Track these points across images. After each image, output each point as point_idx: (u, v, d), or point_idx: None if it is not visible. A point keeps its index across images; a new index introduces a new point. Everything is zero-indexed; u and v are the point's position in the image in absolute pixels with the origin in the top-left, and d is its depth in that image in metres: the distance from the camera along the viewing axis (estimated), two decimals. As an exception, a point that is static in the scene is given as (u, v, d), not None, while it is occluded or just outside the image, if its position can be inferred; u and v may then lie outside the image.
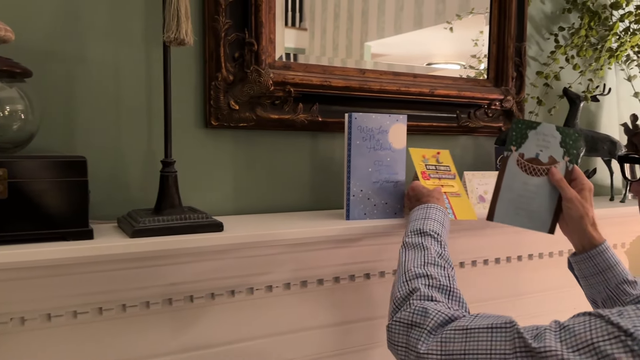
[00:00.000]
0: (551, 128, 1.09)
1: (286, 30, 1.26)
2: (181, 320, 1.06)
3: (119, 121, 1.10)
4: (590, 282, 1.03)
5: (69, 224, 0.87)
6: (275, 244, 1.02)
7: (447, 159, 1.08)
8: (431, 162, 1.00)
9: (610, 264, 1.01)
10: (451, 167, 1.06)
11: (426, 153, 1.07)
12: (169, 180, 0.99)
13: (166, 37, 0.94)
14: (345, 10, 1.33)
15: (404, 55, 1.43)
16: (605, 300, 1.02)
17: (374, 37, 1.38)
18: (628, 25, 1.65)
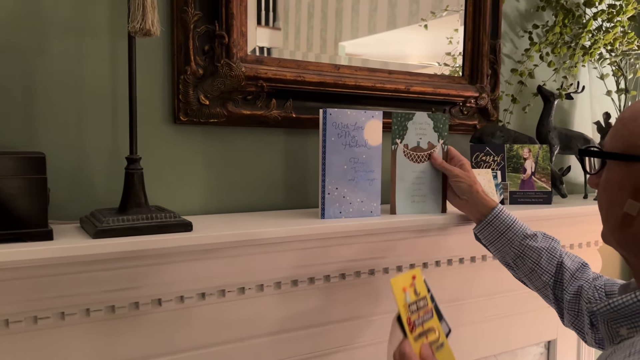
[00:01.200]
0: (424, 116, 1.20)
1: (260, 29, 1.22)
2: (149, 324, 1.01)
3: (83, 116, 1.05)
4: (497, 246, 1.12)
5: (26, 224, 0.82)
6: (247, 244, 0.98)
7: (421, 284, 0.94)
8: (412, 298, 0.89)
9: (508, 224, 1.10)
10: (427, 297, 0.93)
11: (405, 283, 0.91)
12: (135, 178, 0.94)
13: (131, 27, 0.90)
14: (319, 9, 1.30)
15: (378, 55, 1.41)
16: (515, 258, 1.10)
17: (348, 37, 1.36)
18: (601, 23, 1.66)
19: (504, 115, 1.62)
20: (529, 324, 1.56)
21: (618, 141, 0.71)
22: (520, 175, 1.44)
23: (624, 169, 0.70)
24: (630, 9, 1.59)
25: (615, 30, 1.60)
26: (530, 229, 1.11)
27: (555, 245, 1.08)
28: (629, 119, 0.71)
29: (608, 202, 0.74)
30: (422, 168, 1.22)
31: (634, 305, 0.68)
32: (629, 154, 0.69)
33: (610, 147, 0.73)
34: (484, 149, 1.44)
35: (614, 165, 0.72)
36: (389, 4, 1.41)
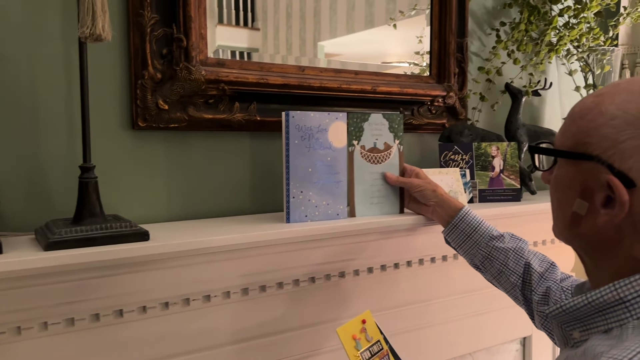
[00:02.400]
0: (379, 116, 1.20)
1: (238, 30, 1.22)
2: (111, 336, 0.99)
3: (36, 124, 1.01)
4: (464, 248, 1.11)
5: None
6: (205, 252, 0.96)
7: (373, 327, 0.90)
8: (363, 344, 0.85)
9: (474, 226, 1.09)
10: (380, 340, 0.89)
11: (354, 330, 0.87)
12: (89, 187, 0.92)
13: (81, 32, 0.87)
14: (298, 9, 1.30)
15: (357, 54, 1.41)
16: (483, 260, 1.09)
17: (327, 37, 1.35)
18: (567, 19, 1.67)
19: (473, 113, 1.62)
20: (504, 321, 1.56)
21: (567, 138, 0.69)
22: (489, 173, 1.44)
23: (572, 167, 0.68)
24: (594, 5, 1.60)
25: (580, 26, 1.61)
26: (497, 230, 1.10)
27: (523, 246, 1.07)
28: (577, 115, 0.68)
29: (557, 200, 0.73)
30: (380, 169, 1.21)
31: (584, 307, 0.66)
32: (577, 152, 0.66)
33: (559, 144, 0.71)
34: (452, 148, 1.44)
35: (563, 162, 0.70)
36: (366, 2, 1.40)
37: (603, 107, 0.65)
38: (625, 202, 0.61)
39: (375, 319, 0.96)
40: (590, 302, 0.65)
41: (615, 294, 0.63)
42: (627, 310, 0.62)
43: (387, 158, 1.22)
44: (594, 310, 0.65)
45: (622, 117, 0.62)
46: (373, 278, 1.27)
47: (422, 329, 1.40)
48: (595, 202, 0.65)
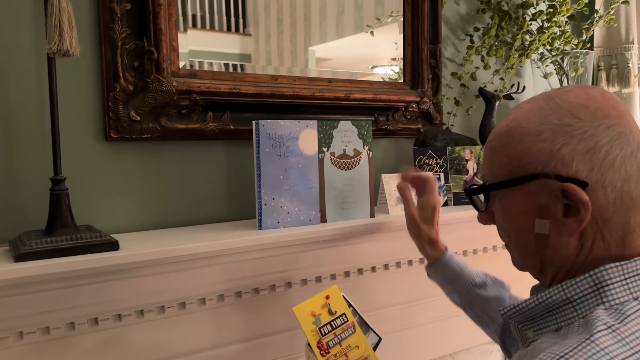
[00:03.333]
0: (348, 124, 1.23)
1: (230, 35, 1.25)
2: (85, 344, 1.00)
3: (8, 137, 1.04)
4: (447, 290, 1.09)
5: (-57, 252, 0.81)
6: (176, 260, 0.98)
7: (338, 302, 0.89)
8: (324, 319, 0.85)
9: (456, 273, 1.05)
10: (346, 313, 0.89)
11: (315, 307, 0.88)
12: (60, 199, 0.94)
13: (48, 48, 0.90)
14: (288, 15, 1.32)
15: (348, 58, 1.43)
16: (465, 305, 1.07)
17: (317, 42, 1.38)
18: (541, 24, 1.70)
19: (448, 118, 1.64)
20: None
21: (499, 170, 0.69)
22: (463, 177, 1.47)
23: (518, 193, 0.67)
24: (564, 10, 1.63)
25: (551, 30, 1.64)
26: (479, 276, 1.06)
27: (504, 294, 1.04)
28: (500, 146, 0.69)
29: (515, 231, 0.71)
30: (350, 175, 1.24)
31: (536, 307, 0.67)
32: (519, 177, 0.66)
33: (493, 179, 0.70)
34: (426, 152, 1.47)
35: (507, 193, 0.69)
36: (355, 7, 1.43)
37: (523, 129, 0.67)
38: (587, 202, 0.62)
39: None
40: (541, 302, 0.66)
41: (563, 294, 0.64)
42: (574, 310, 0.64)
43: (357, 164, 1.24)
44: (544, 310, 0.66)
45: (548, 130, 0.64)
46: (350, 282, 1.29)
47: (402, 331, 1.41)
48: (555, 216, 0.65)
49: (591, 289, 0.63)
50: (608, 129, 0.63)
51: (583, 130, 0.63)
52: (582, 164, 0.62)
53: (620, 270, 0.62)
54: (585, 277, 0.63)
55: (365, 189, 1.26)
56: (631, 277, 0.63)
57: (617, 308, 0.61)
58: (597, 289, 0.62)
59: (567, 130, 0.63)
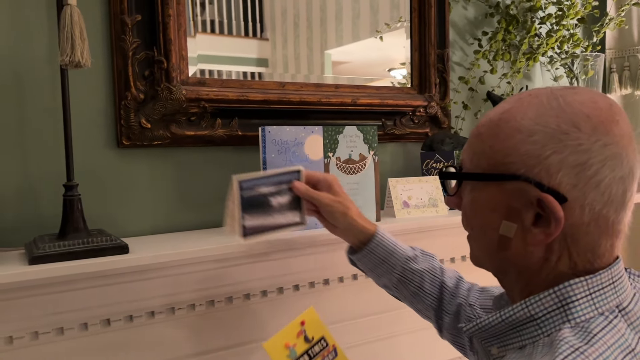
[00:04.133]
0: (353, 129, 1.25)
1: (248, 40, 1.28)
2: (98, 344, 1.04)
3: (25, 145, 1.08)
4: (377, 272, 0.99)
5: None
6: (181, 263, 1.01)
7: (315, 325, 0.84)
8: (300, 348, 0.80)
9: (390, 250, 0.97)
10: (325, 336, 0.84)
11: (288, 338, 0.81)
12: (73, 204, 0.98)
13: (61, 60, 0.94)
14: (305, 19, 1.35)
15: (364, 61, 1.45)
16: (397, 284, 0.99)
17: (333, 45, 1.40)
18: (550, 27, 1.70)
19: (456, 121, 1.65)
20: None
21: (480, 159, 0.65)
22: (470, 181, 1.47)
23: (493, 188, 0.64)
24: (572, 13, 1.63)
25: (558, 33, 1.64)
26: (410, 249, 1.00)
27: (435, 264, 1.00)
28: (486, 134, 0.65)
29: (480, 225, 0.68)
30: (355, 180, 1.26)
31: (499, 325, 0.64)
32: (499, 173, 0.62)
33: (472, 167, 0.67)
34: (434, 157, 1.48)
35: (481, 185, 0.65)
36: (371, 10, 1.45)
37: (516, 123, 0.62)
38: (560, 219, 0.58)
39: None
40: (504, 319, 0.63)
41: (527, 311, 0.62)
42: (539, 327, 0.61)
43: (363, 169, 1.26)
44: (507, 327, 0.64)
45: (541, 132, 0.60)
46: (354, 285, 1.31)
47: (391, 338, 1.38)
48: (524, 222, 0.61)
49: (555, 305, 0.60)
50: (605, 147, 0.58)
51: (579, 142, 0.58)
52: (567, 178, 0.58)
53: (585, 285, 0.60)
54: (550, 293, 0.61)
55: (371, 193, 1.28)
56: (596, 291, 0.60)
57: (583, 326, 0.59)
58: (562, 306, 0.60)
59: (562, 138, 0.58)
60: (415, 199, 1.36)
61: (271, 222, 0.97)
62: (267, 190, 0.96)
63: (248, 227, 0.93)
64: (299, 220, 1.00)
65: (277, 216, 0.98)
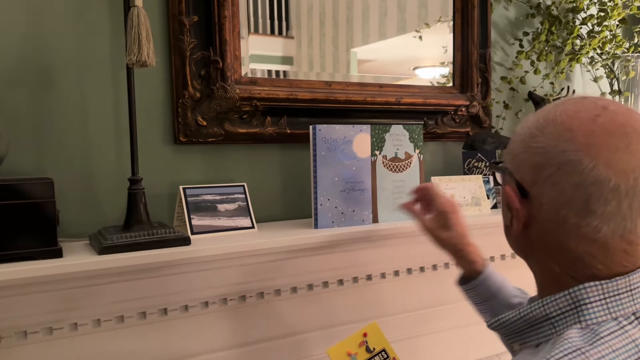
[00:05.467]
0: (400, 128, 1.27)
1: (273, 39, 1.30)
2: (156, 333, 1.09)
3: (88, 142, 1.13)
4: (479, 308, 1.01)
5: (38, 244, 0.90)
6: (241, 255, 1.05)
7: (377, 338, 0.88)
8: (361, 356, 0.84)
9: (493, 292, 0.97)
10: (387, 348, 0.87)
11: (350, 346, 0.86)
12: (137, 198, 1.02)
13: (128, 60, 0.98)
14: (330, 17, 1.36)
15: (390, 60, 1.47)
16: None
17: (359, 44, 1.42)
18: (591, 28, 1.70)
19: (497, 121, 1.67)
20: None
21: (505, 156, 0.73)
22: (512, 180, 1.48)
23: (505, 180, 0.71)
24: (615, 14, 1.63)
25: (602, 34, 1.64)
26: (516, 296, 0.98)
27: None
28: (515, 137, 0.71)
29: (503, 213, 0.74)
30: (401, 177, 1.29)
31: (518, 321, 0.67)
32: (503, 167, 0.71)
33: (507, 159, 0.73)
34: (475, 156, 1.50)
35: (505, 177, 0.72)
36: (398, 9, 1.46)
37: (517, 128, 0.70)
38: (516, 209, 0.65)
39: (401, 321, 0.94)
40: (522, 316, 0.66)
41: (542, 310, 0.64)
42: (552, 327, 0.64)
43: (408, 167, 1.29)
44: (526, 324, 0.67)
45: (521, 135, 0.67)
46: (395, 282, 1.33)
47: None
48: (513, 212, 0.67)
49: (569, 306, 0.62)
50: (562, 153, 0.61)
51: (540, 145, 0.63)
52: (528, 175, 0.64)
53: (599, 290, 0.62)
54: (565, 294, 0.63)
55: None
56: (611, 296, 0.62)
57: (593, 328, 0.60)
58: (575, 307, 0.62)
59: (529, 140, 0.65)
60: (459, 198, 1.38)
61: (219, 224, 1.13)
62: (211, 198, 1.15)
63: (195, 226, 1.10)
64: (250, 225, 1.17)
65: (226, 220, 1.15)
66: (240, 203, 1.18)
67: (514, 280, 1.06)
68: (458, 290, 1.03)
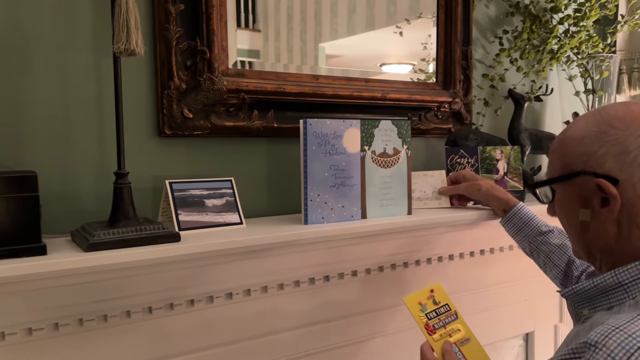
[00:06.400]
0: (388, 123, 1.27)
1: (239, 31, 1.26)
2: (140, 332, 1.05)
3: (69, 133, 1.08)
4: (517, 239, 1.28)
5: (21, 241, 0.85)
6: (233, 252, 1.03)
7: (442, 295, 1.06)
8: (430, 307, 1.02)
9: (525, 221, 1.25)
10: (449, 303, 1.05)
11: (421, 298, 1.04)
12: (123, 192, 0.98)
13: (116, 48, 0.94)
14: (299, 11, 1.34)
15: (357, 56, 1.45)
16: (531, 252, 1.25)
17: (327, 39, 1.39)
18: (567, 27, 1.74)
19: (477, 118, 1.68)
20: (506, 317, 1.62)
21: (555, 167, 0.84)
22: (494, 176, 1.51)
23: (567, 187, 0.82)
24: (593, 14, 1.66)
25: (580, 34, 1.67)
26: (546, 225, 1.23)
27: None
28: (556, 149, 0.85)
29: (566, 219, 0.85)
30: (389, 173, 1.28)
31: (592, 289, 0.79)
32: (565, 174, 0.81)
33: (551, 175, 0.86)
34: (458, 152, 1.51)
35: (560, 188, 0.85)
36: (367, 5, 1.45)
37: (571, 135, 0.82)
38: (616, 195, 0.75)
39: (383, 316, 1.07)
40: (596, 285, 0.78)
41: (616, 278, 0.76)
42: (625, 292, 0.76)
43: (396, 162, 1.28)
44: (598, 292, 0.79)
45: (588, 136, 0.79)
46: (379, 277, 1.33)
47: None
48: (594, 206, 0.78)
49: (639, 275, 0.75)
50: (638, 138, 0.75)
51: (616, 137, 0.76)
52: (613, 164, 0.75)
53: None
54: (636, 265, 0.75)
55: (404, 186, 1.30)
56: None
57: None
58: None
59: (603, 136, 0.77)
60: (419, 192, 1.42)
61: (207, 220, 1.11)
62: (199, 193, 1.12)
63: (183, 222, 1.08)
64: (238, 221, 1.15)
65: (214, 215, 1.13)
66: (228, 198, 1.15)
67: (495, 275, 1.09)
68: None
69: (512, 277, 1.60)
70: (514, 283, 1.61)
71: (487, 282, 1.56)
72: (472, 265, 1.51)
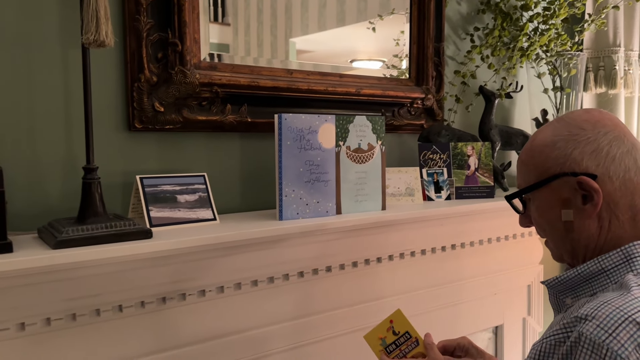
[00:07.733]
0: (363, 118, 1.27)
1: (209, 25, 1.23)
2: (110, 331, 1.02)
3: (35, 127, 1.04)
4: None
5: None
6: (207, 249, 1.01)
7: (401, 323, 1.01)
8: (389, 339, 1.01)
9: None
10: (409, 330, 1.01)
11: (380, 332, 1.02)
12: (92, 187, 0.95)
13: (85, 39, 0.91)
14: (269, 5, 1.32)
15: (328, 51, 1.44)
16: None
17: (298, 34, 1.38)
18: (537, 25, 1.76)
19: (449, 114, 1.70)
20: (477, 311, 1.65)
21: (530, 176, 0.86)
22: (465, 172, 1.52)
23: (545, 192, 0.84)
24: (562, 13, 1.69)
25: (549, 32, 1.70)
26: None
27: None
28: (527, 159, 0.87)
29: (548, 223, 0.86)
30: (364, 168, 1.28)
31: (575, 277, 0.82)
32: (543, 179, 0.83)
33: (526, 184, 0.87)
34: (430, 148, 1.52)
35: (538, 195, 0.85)
36: (337, 0, 1.44)
37: (542, 143, 0.84)
38: (597, 189, 0.78)
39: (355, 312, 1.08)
40: (580, 273, 0.82)
41: (598, 265, 0.80)
42: (607, 277, 0.79)
43: (371, 158, 1.28)
44: (582, 279, 0.82)
45: (560, 140, 0.82)
46: (353, 272, 1.33)
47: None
48: (577, 205, 0.81)
49: (621, 260, 0.78)
50: (606, 134, 0.80)
51: (587, 137, 0.80)
52: (590, 162, 0.79)
53: None
54: (617, 251, 0.79)
55: (378, 182, 1.30)
56: None
57: None
58: (627, 260, 0.78)
59: (575, 138, 0.81)
60: (393, 188, 1.43)
61: (179, 216, 1.09)
62: (171, 188, 1.10)
63: (154, 218, 1.06)
64: (211, 217, 1.13)
65: (187, 211, 1.11)
66: (201, 194, 1.13)
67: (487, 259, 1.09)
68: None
69: (482, 271, 1.62)
70: (484, 277, 1.63)
71: (457, 276, 1.58)
72: (444, 259, 1.53)
